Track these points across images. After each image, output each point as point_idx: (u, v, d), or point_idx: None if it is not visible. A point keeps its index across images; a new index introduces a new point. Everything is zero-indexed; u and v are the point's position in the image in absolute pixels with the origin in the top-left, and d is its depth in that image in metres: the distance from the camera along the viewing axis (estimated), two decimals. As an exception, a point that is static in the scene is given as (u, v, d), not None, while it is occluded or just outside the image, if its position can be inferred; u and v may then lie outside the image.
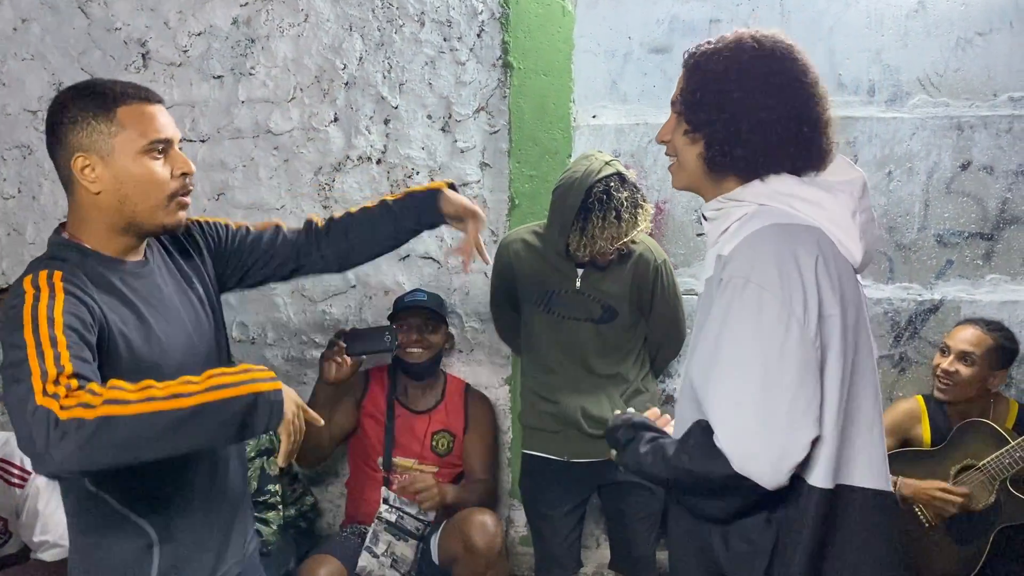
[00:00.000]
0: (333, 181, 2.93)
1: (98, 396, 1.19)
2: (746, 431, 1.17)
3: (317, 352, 2.98)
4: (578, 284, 2.37)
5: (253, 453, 2.59)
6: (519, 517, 3.00)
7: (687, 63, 1.37)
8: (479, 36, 2.81)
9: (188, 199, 1.49)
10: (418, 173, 2.90)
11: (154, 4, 2.93)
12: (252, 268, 1.77)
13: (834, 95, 1.40)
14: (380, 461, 2.71)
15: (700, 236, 2.85)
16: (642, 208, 2.27)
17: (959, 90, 2.72)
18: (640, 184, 2.36)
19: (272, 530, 2.57)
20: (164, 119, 1.45)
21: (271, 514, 2.58)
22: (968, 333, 2.48)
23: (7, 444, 2.26)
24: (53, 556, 2.21)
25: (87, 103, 1.40)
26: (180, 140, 1.50)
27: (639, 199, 2.27)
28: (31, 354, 1.23)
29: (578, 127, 2.84)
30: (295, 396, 1.39)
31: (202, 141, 2.97)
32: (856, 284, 1.30)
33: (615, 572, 2.63)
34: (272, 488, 2.60)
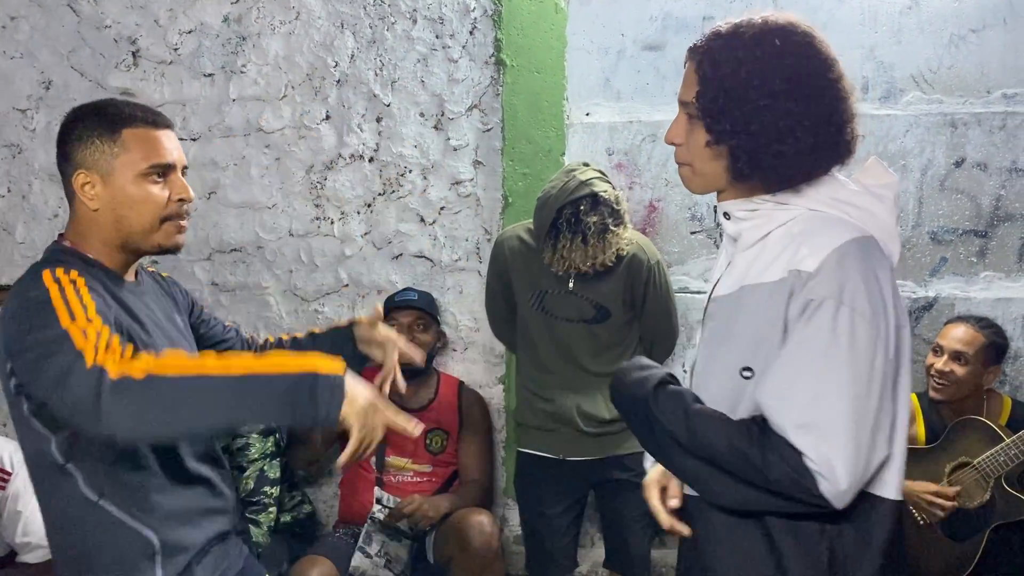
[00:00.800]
0: (325, 179, 2.92)
1: (148, 360, 1.23)
2: (839, 461, 1.13)
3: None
4: (571, 285, 2.37)
5: (256, 455, 2.60)
6: (514, 516, 2.99)
7: (698, 58, 1.26)
8: (472, 33, 2.80)
9: (185, 223, 1.51)
10: (410, 171, 2.88)
11: (144, 2, 2.91)
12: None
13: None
14: (373, 461, 2.70)
15: (694, 234, 2.85)
16: (612, 232, 2.29)
17: (953, 87, 2.72)
18: (634, 184, 2.36)
19: (262, 531, 2.56)
20: (169, 144, 1.48)
21: (262, 516, 2.58)
22: (960, 332, 2.47)
23: None
24: (37, 557, 2.20)
25: (95, 122, 1.44)
26: (185, 168, 1.52)
27: (610, 224, 2.29)
28: (75, 332, 1.25)
29: (571, 125, 2.83)
30: (374, 395, 1.32)
31: (193, 139, 2.95)
32: None
33: (610, 571, 2.62)
34: (268, 491, 2.60)
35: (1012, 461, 2.35)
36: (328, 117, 2.90)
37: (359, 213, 2.92)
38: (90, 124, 1.44)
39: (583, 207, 2.26)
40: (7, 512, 2.22)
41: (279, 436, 2.69)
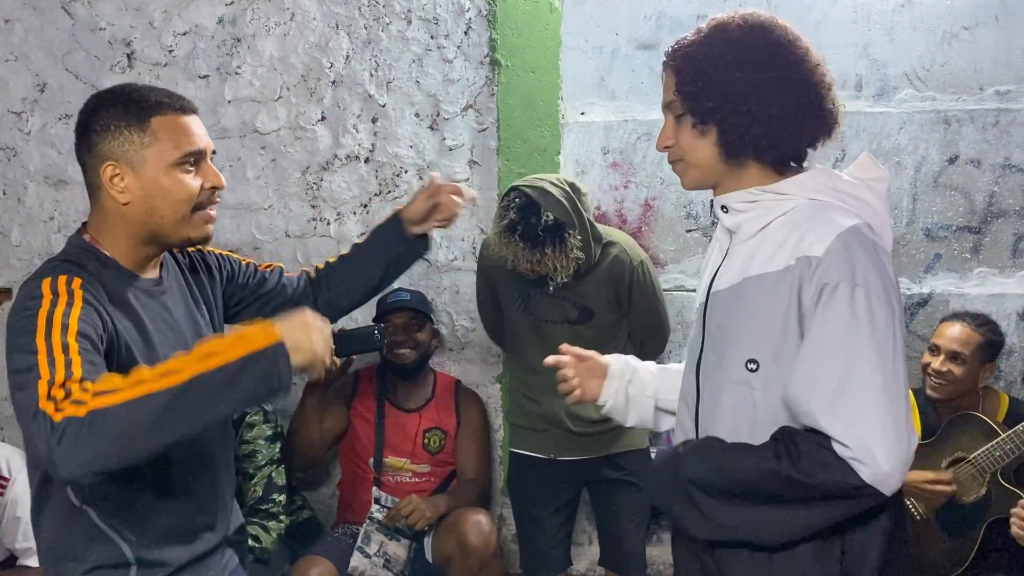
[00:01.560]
0: (321, 180, 2.92)
1: (87, 392, 1.17)
2: (878, 442, 1.12)
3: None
4: (551, 288, 2.36)
5: (263, 461, 2.59)
6: (511, 515, 2.99)
7: (673, 60, 1.31)
8: (466, 33, 2.80)
9: (214, 212, 1.47)
10: (406, 171, 2.89)
11: (139, 4, 2.90)
12: (248, 307, 1.73)
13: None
14: (371, 461, 2.70)
15: (690, 232, 2.85)
16: (568, 235, 2.22)
17: (946, 84, 2.73)
18: (630, 183, 2.35)
19: (272, 539, 2.54)
20: (198, 130, 1.43)
21: (272, 523, 2.56)
22: (956, 331, 2.46)
23: None
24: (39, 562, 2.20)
25: (120, 111, 1.38)
26: (213, 152, 1.48)
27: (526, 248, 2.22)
28: (41, 360, 1.21)
29: (566, 124, 2.84)
30: (305, 321, 1.30)
31: (188, 141, 2.94)
32: None
33: (605, 569, 2.62)
34: (277, 498, 2.58)
35: (1008, 456, 2.36)
36: (323, 118, 2.90)
37: (355, 214, 2.92)
38: (116, 113, 1.37)
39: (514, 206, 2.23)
40: (6, 518, 2.22)
41: (278, 440, 2.67)
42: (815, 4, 2.72)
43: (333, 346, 2.40)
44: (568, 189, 2.27)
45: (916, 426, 2.53)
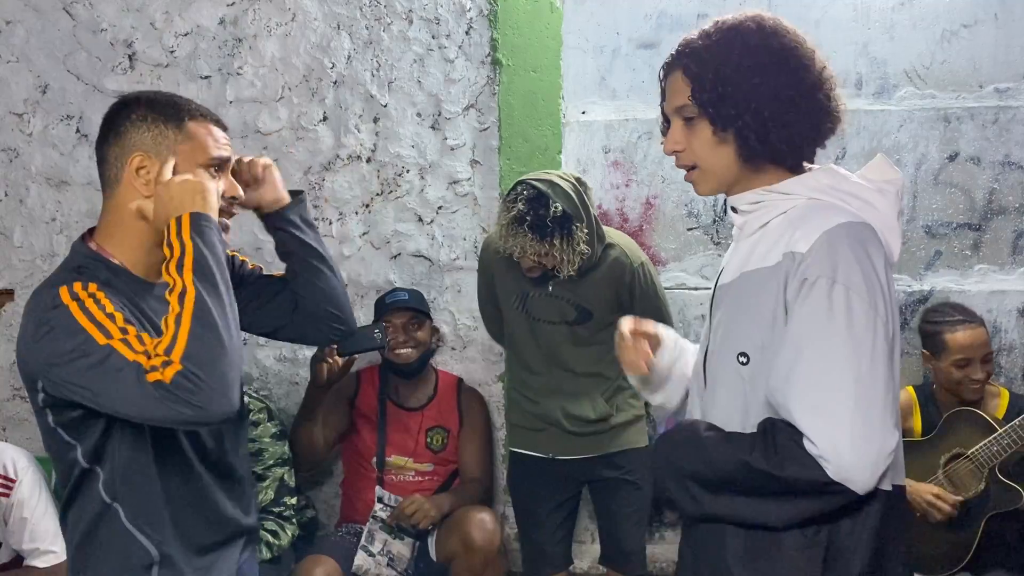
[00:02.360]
0: (323, 180, 2.93)
1: (159, 356, 1.22)
2: (844, 439, 1.13)
3: (309, 352, 2.96)
4: (550, 288, 2.36)
5: (272, 461, 2.59)
6: (513, 514, 3.01)
7: (686, 63, 1.31)
8: (468, 33, 2.81)
9: (229, 222, 1.49)
10: (408, 171, 2.89)
11: (140, 5, 2.91)
12: (246, 312, 1.70)
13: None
14: (374, 460, 2.71)
15: (691, 231, 2.86)
16: (576, 229, 2.22)
17: (945, 82, 2.74)
18: (631, 181, 2.35)
19: (288, 538, 2.55)
20: (227, 141, 1.46)
21: (287, 526, 2.57)
22: (979, 334, 2.44)
23: None
24: (47, 562, 2.20)
25: (157, 108, 1.41)
26: (233, 167, 1.51)
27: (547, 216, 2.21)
28: (117, 347, 1.24)
29: (568, 123, 2.85)
30: (195, 185, 1.36)
31: (190, 142, 2.95)
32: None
33: (607, 568, 2.63)
34: (289, 501, 2.59)
35: (1006, 451, 2.37)
36: (325, 118, 2.90)
37: (357, 213, 2.93)
38: (151, 108, 1.40)
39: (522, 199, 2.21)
40: (12, 519, 2.22)
41: (283, 437, 2.68)
42: (815, 2, 2.73)
43: (335, 347, 2.43)
44: (575, 183, 2.29)
45: (916, 423, 2.56)
